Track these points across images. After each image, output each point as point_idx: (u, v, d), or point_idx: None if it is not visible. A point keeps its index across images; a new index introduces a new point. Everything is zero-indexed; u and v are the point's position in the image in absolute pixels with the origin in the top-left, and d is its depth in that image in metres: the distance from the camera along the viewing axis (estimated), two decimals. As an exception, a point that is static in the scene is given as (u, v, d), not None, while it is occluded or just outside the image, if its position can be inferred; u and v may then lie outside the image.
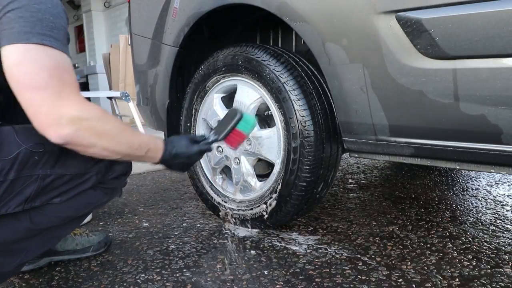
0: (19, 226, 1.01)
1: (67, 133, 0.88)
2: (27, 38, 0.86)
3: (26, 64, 0.86)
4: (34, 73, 0.86)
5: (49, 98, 0.86)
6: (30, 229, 1.02)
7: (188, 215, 1.84)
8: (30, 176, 0.96)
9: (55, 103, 0.87)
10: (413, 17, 1.09)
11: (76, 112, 0.89)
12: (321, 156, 1.41)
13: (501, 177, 2.33)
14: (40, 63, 0.86)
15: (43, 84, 0.86)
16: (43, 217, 1.03)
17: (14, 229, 1.01)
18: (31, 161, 0.95)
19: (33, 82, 0.85)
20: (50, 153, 0.97)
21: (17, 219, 1.01)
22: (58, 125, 0.87)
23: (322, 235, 1.55)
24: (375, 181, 2.34)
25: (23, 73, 0.85)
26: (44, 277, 1.28)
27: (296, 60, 1.46)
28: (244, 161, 1.57)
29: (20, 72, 0.86)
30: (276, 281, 1.21)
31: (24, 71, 0.85)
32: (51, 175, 0.98)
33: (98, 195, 1.09)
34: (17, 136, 0.95)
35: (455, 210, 1.82)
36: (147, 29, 1.89)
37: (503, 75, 1.01)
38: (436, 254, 1.37)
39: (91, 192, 1.07)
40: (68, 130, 0.88)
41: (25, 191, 0.96)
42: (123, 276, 1.27)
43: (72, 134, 0.89)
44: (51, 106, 0.86)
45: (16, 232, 1.01)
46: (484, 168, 1.16)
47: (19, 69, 0.86)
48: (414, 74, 1.13)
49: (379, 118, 1.25)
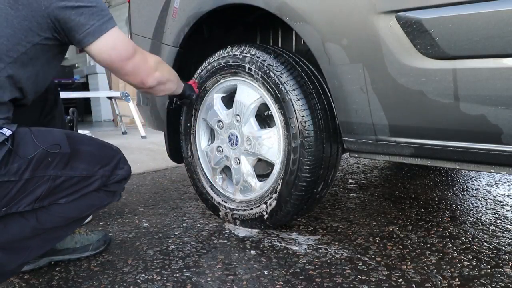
0: (26, 225, 1.06)
1: (158, 75, 1.25)
2: (106, 27, 1.08)
3: (118, 44, 1.11)
4: (127, 47, 1.14)
5: (141, 58, 1.19)
6: (36, 228, 1.07)
7: (188, 215, 1.84)
8: (42, 177, 1.03)
9: (145, 59, 1.21)
10: (413, 17, 1.09)
11: (154, 60, 1.26)
12: (321, 156, 1.41)
13: (501, 177, 2.33)
14: (122, 40, 1.13)
15: (133, 51, 1.16)
16: (49, 217, 1.08)
17: (21, 227, 1.06)
18: (45, 162, 1.02)
19: (130, 53, 1.15)
20: (62, 155, 1.05)
21: (24, 218, 1.06)
22: (151, 73, 1.23)
23: (322, 235, 1.55)
24: (375, 181, 2.34)
25: (121, 50, 1.12)
26: (44, 277, 1.28)
27: (296, 60, 1.46)
28: (244, 161, 1.57)
29: (118, 51, 1.12)
30: (276, 281, 1.21)
31: (120, 49, 1.12)
32: (62, 176, 1.06)
33: (100, 198, 1.15)
34: (34, 138, 1.02)
35: (455, 210, 1.82)
36: (147, 29, 1.89)
37: (503, 75, 1.01)
38: (436, 254, 1.37)
39: (94, 194, 1.14)
40: (158, 73, 1.25)
41: (36, 191, 1.03)
42: (123, 276, 1.27)
43: (161, 74, 1.27)
44: (144, 62, 1.20)
45: (22, 231, 1.06)
46: (484, 168, 1.16)
47: (116, 50, 1.11)
48: (414, 74, 1.13)
49: (379, 118, 1.25)
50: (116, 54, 1.12)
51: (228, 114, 1.59)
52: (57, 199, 1.08)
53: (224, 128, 1.62)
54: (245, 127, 1.54)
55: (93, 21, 1.05)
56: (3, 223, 1.06)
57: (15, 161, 0.99)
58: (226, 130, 1.61)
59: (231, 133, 1.59)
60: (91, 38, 1.06)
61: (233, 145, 1.59)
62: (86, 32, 1.05)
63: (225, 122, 1.61)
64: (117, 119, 5.55)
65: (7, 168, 0.97)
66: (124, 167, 1.19)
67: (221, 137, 1.64)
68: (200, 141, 1.74)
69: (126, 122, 5.56)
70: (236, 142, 1.57)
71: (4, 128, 0.99)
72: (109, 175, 1.15)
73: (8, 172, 0.98)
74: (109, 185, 1.16)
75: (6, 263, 1.07)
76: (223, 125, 1.62)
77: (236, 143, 1.58)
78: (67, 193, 1.09)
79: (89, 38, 1.06)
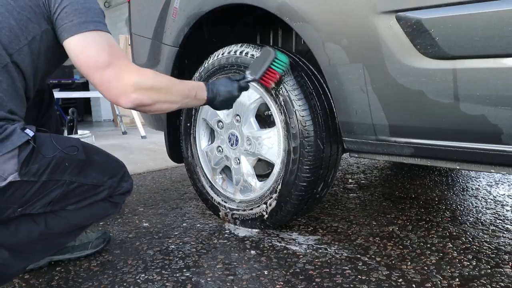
0: (35, 229, 1.09)
1: (135, 97, 1.06)
2: (85, 27, 1.02)
3: (89, 49, 1.02)
4: (98, 56, 1.02)
5: (114, 73, 1.03)
6: (44, 232, 1.10)
7: (188, 215, 1.84)
8: (58, 181, 1.05)
9: (119, 76, 1.04)
10: (413, 17, 1.09)
11: (135, 78, 1.05)
12: (321, 156, 1.41)
13: (501, 177, 2.33)
14: (99, 46, 1.03)
15: (106, 63, 1.03)
16: (57, 222, 1.11)
17: (30, 231, 1.08)
18: (62, 166, 1.04)
19: (99, 63, 1.02)
20: (77, 161, 1.07)
21: (35, 221, 1.09)
22: (126, 93, 1.05)
23: (322, 235, 1.55)
24: (375, 181, 2.34)
25: (89, 57, 1.02)
26: (44, 277, 1.28)
27: (296, 60, 1.46)
28: (244, 161, 1.57)
29: (86, 57, 1.02)
30: (276, 281, 1.21)
31: (89, 55, 1.02)
32: (75, 182, 1.08)
33: (105, 208, 1.18)
34: (54, 141, 1.04)
35: (455, 210, 1.82)
36: (147, 29, 1.88)
37: (503, 75, 1.01)
38: (436, 254, 1.37)
39: (100, 203, 1.16)
40: (135, 95, 1.05)
41: (51, 194, 1.05)
42: (123, 276, 1.27)
43: (138, 97, 1.06)
44: (117, 79, 1.03)
45: (31, 234, 1.08)
46: (484, 168, 1.16)
47: (85, 54, 1.02)
48: (414, 74, 1.13)
49: (379, 118, 1.25)
50: (83, 59, 1.03)
51: (228, 114, 1.59)
52: (67, 205, 1.10)
53: (224, 128, 1.62)
54: (245, 127, 1.54)
55: (72, 18, 1.02)
56: (15, 225, 1.08)
57: (36, 161, 1.00)
58: (226, 130, 1.61)
59: (231, 133, 1.59)
60: (65, 34, 1.03)
61: (233, 145, 1.59)
62: (63, 27, 1.03)
63: (225, 122, 1.61)
64: (117, 119, 5.55)
65: (27, 168, 0.99)
66: (128, 180, 1.21)
67: (221, 137, 1.64)
68: (200, 141, 1.74)
69: (126, 122, 5.57)
70: (236, 142, 1.57)
71: (27, 128, 1.00)
72: (115, 186, 1.17)
73: (28, 172, 0.99)
74: (114, 196, 1.18)
75: (12, 265, 1.09)
76: (223, 125, 1.62)
77: (236, 143, 1.58)
78: (77, 200, 1.11)
79: (64, 34, 1.03)
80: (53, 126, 1.37)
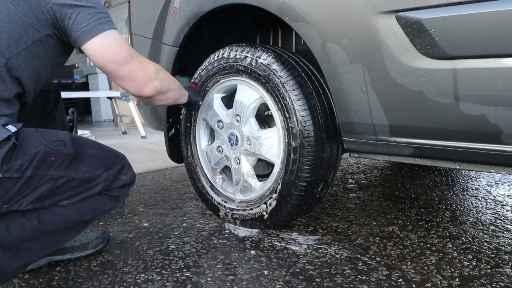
0: (27, 225, 1.07)
1: (157, 84, 1.20)
2: (102, 28, 1.08)
3: (112, 46, 1.10)
4: (122, 50, 1.12)
5: (138, 65, 1.15)
6: (37, 229, 1.07)
7: (188, 215, 1.84)
8: (45, 176, 1.03)
9: (142, 66, 1.17)
10: (413, 17, 1.09)
11: (154, 67, 1.22)
12: (321, 156, 1.41)
13: (501, 177, 2.33)
14: (118, 42, 1.11)
15: (130, 56, 1.13)
16: (50, 218, 1.08)
17: (22, 227, 1.06)
18: (48, 161, 1.03)
19: (124, 57, 1.12)
20: (65, 155, 1.06)
21: (26, 218, 1.07)
22: (151, 80, 1.19)
23: (322, 235, 1.55)
24: (375, 181, 2.34)
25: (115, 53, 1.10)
26: (44, 277, 1.28)
27: (296, 60, 1.46)
28: (244, 161, 1.57)
29: (113, 53, 1.10)
30: (276, 281, 1.21)
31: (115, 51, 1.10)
32: (64, 177, 1.06)
33: (103, 202, 1.16)
34: (39, 135, 1.04)
35: (455, 210, 1.82)
36: (147, 29, 1.88)
37: (503, 75, 1.01)
38: (436, 254, 1.37)
39: (97, 198, 1.14)
40: (157, 82, 1.21)
41: (38, 190, 1.04)
42: (123, 276, 1.27)
43: (160, 84, 1.22)
44: (142, 69, 1.16)
45: (23, 231, 1.06)
46: (484, 168, 1.16)
47: (110, 51, 1.09)
48: (414, 74, 1.13)
49: (379, 118, 1.25)
50: (109, 55, 1.10)
51: (228, 114, 1.59)
52: (58, 201, 1.09)
53: (224, 128, 1.62)
54: (245, 127, 1.54)
55: (89, 21, 1.06)
56: (5, 222, 1.07)
57: (18, 157, 0.99)
58: (226, 130, 1.61)
59: (231, 133, 1.59)
60: (85, 37, 1.06)
61: (233, 145, 1.59)
62: (81, 30, 1.06)
63: (225, 122, 1.61)
64: (117, 119, 5.55)
65: (9, 165, 0.98)
66: (128, 173, 1.19)
67: (221, 137, 1.64)
68: (200, 141, 1.74)
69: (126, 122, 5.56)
70: (236, 142, 1.57)
71: (9, 124, 1.00)
72: (112, 180, 1.15)
73: (10, 169, 0.98)
74: (112, 189, 1.16)
75: (6, 263, 1.08)
76: (223, 125, 1.62)
77: (236, 143, 1.58)
78: (69, 195, 1.09)
79: (84, 37, 1.06)
80: (57, 127, 1.38)
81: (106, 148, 1.21)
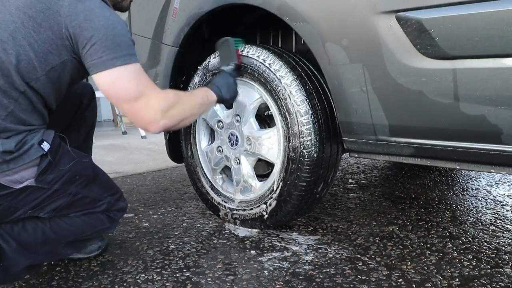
0: (40, 229, 1.18)
1: (163, 124, 1.16)
2: (113, 63, 1.07)
3: (117, 83, 1.09)
4: (126, 89, 1.10)
5: (143, 104, 1.12)
6: (47, 234, 1.18)
7: (188, 215, 1.84)
8: (66, 190, 1.16)
9: (147, 106, 1.12)
10: (413, 17, 1.09)
11: (162, 105, 1.15)
12: (321, 156, 1.41)
13: (501, 177, 2.33)
14: (127, 79, 1.10)
15: (134, 95, 1.11)
16: (59, 226, 1.20)
17: (36, 230, 1.17)
18: (72, 179, 1.17)
19: (127, 96, 1.11)
20: (86, 177, 1.21)
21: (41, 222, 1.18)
22: (155, 121, 1.14)
23: (322, 235, 1.55)
24: (375, 181, 2.34)
25: (118, 90, 1.10)
26: (44, 277, 1.28)
27: (296, 60, 1.46)
28: (244, 161, 1.57)
29: (116, 90, 1.10)
30: (276, 281, 1.21)
31: (119, 88, 1.10)
32: (80, 194, 1.20)
33: (102, 220, 1.28)
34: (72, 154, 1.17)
35: (455, 210, 1.82)
36: (147, 29, 1.88)
37: (503, 75, 1.01)
38: (436, 254, 1.37)
39: (98, 215, 1.26)
40: (164, 121, 1.15)
41: (58, 201, 1.16)
42: (123, 276, 1.27)
43: (166, 122, 1.16)
44: (146, 109, 1.13)
45: (36, 233, 1.17)
46: (484, 168, 1.16)
47: (114, 88, 1.10)
48: (414, 74, 1.13)
49: (379, 118, 1.25)
50: (113, 92, 1.11)
51: (228, 114, 1.59)
52: (69, 213, 1.21)
53: (224, 128, 1.62)
54: (245, 127, 1.54)
55: (101, 54, 1.06)
56: (22, 223, 1.17)
57: (52, 172, 1.12)
58: (226, 130, 1.61)
59: (231, 133, 1.59)
60: (94, 69, 1.08)
61: (233, 145, 1.59)
62: (92, 62, 1.08)
63: (225, 122, 1.61)
64: (117, 119, 5.54)
65: (43, 177, 1.10)
66: (125, 201, 1.34)
67: (221, 137, 1.64)
68: (200, 141, 1.74)
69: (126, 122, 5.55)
70: (236, 142, 1.57)
71: (44, 142, 1.09)
72: (113, 203, 1.29)
73: (43, 180, 1.11)
74: (111, 211, 1.29)
75: (15, 262, 1.15)
76: (223, 125, 1.62)
77: (236, 143, 1.58)
78: (79, 209, 1.22)
79: (93, 69, 1.08)
80: (86, 128, 1.50)
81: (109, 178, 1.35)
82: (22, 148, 1.05)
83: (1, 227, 1.14)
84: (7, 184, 1.05)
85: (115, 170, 2.78)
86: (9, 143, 1.02)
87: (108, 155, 3.42)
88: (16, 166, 1.04)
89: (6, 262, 1.13)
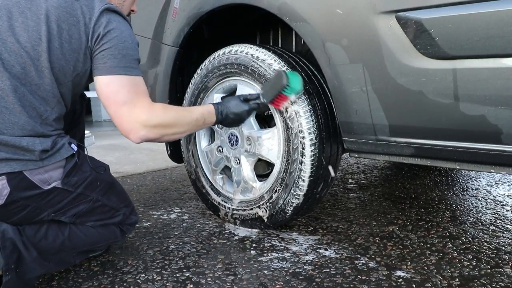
0: (60, 237, 1.20)
1: (143, 134, 1.18)
2: (115, 71, 1.15)
3: (111, 85, 1.15)
4: (116, 91, 1.15)
5: (127, 111, 1.16)
6: (64, 243, 1.21)
7: (188, 215, 1.84)
8: (88, 196, 1.20)
9: (131, 114, 1.16)
10: (413, 17, 1.09)
11: (145, 116, 1.17)
12: (321, 156, 1.41)
13: (501, 177, 2.33)
14: (121, 84, 1.15)
15: (122, 99, 1.15)
16: (77, 235, 1.23)
17: (56, 238, 1.20)
18: (94, 184, 1.21)
19: (115, 98, 1.15)
20: (106, 183, 1.25)
21: (60, 230, 1.21)
22: (136, 130, 1.17)
23: (322, 235, 1.55)
24: (375, 181, 2.34)
25: (109, 92, 1.16)
26: (44, 277, 1.28)
27: (296, 60, 1.46)
28: (244, 161, 1.57)
29: (107, 92, 1.16)
30: (276, 281, 1.21)
31: (110, 89, 1.16)
32: (100, 201, 1.23)
33: (115, 233, 1.31)
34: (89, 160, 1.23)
35: (455, 210, 1.82)
36: (147, 29, 1.88)
37: (503, 75, 1.01)
38: (436, 254, 1.37)
39: (113, 227, 1.30)
40: (143, 132, 1.17)
41: (79, 206, 1.20)
42: (123, 276, 1.27)
43: (146, 134, 1.18)
44: (129, 117, 1.16)
45: (55, 241, 1.19)
46: (484, 168, 1.16)
47: (107, 89, 1.16)
48: (414, 74, 1.13)
49: (379, 118, 1.25)
50: (104, 93, 1.16)
51: (228, 114, 1.59)
52: (89, 220, 1.24)
53: (224, 129, 1.62)
54: (245, 127, 1.54)
55: (106, 61, 1.15)
56: (45, 230, 1.19)
57: (76, 174, 1.16)
58: (226, 131, 1.61)
59: (231, 133, 1.59)
60: (96, 72, 1.17)
61: (233, 146, 1.59)
62: (96, 65, 1.16)
63: (225, 122, 1.61)
64: (117, 119, 5.54)
65: (69, 179, 1.15)
66: (136, 215, 1.38)
67: (221, 138, 1.64)
68: (200, 142, 1.74)
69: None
70: (236, 142, 1.57)
71: (72, 144, 1.17)
72: (128, 215, 1.33)
73: (68, 182, 1.15)
74: (124, 224, 1.33)
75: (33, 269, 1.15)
76: (223, 125, 1.62)
77: (236, 143, 1.58)
78: (97, 218, 1.26)
79: (96, 71, 1.17)
80: (80, 131, 1.57)
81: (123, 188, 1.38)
82: (55, 147, 1.12)
83: (24, 234, 1.15)
84: (38, 184, 1.09)
85: (115, 170, 2.78)
86: (46, 143, 1.09)
87: (108, 155, 3.42)
88: (49, 163, 1.10)
89: (23, 269, 1.14)
